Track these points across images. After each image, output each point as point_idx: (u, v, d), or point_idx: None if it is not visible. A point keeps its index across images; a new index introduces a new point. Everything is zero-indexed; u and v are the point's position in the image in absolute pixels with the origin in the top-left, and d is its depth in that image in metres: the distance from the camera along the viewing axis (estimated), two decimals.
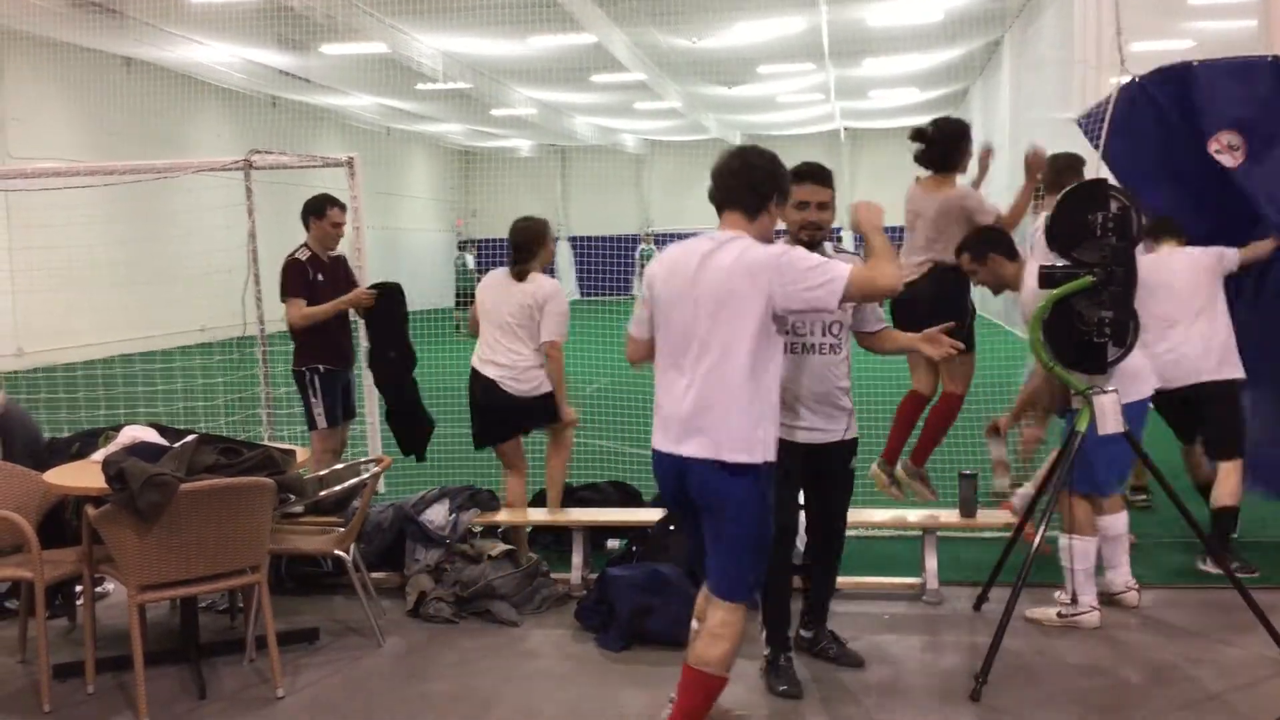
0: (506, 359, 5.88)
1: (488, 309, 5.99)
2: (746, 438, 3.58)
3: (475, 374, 5.99)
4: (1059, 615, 5.13)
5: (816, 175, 4.40)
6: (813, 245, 4.22)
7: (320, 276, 6.60)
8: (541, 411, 5.96)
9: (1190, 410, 6.02)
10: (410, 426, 6.55)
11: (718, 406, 3.59)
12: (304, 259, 6.59)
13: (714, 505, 3.64)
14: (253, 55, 18.36)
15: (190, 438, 4.68)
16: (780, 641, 4.56)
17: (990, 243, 5.29)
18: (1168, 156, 6.14)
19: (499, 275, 6.04)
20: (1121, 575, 5.36)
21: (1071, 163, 6.26)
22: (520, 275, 5.92)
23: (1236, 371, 5.88)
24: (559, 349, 5.93)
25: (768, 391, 3.64)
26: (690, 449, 3.62)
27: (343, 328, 6.61)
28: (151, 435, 4.87)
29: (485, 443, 6.10)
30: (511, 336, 5.88)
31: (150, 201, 15.93)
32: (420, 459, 6.65)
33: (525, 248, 5.95)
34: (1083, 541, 5.08)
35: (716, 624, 3.69)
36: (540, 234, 5.99)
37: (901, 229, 5.79)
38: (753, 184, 3.76)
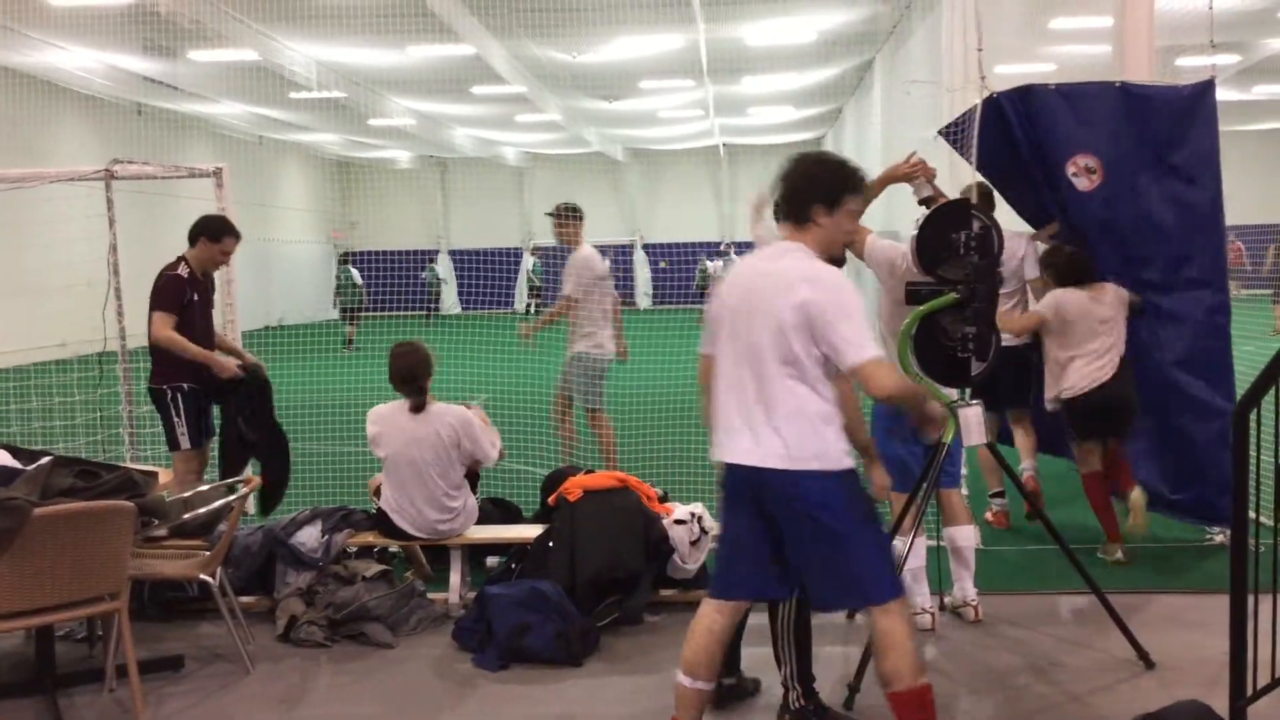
0: (453, 503, 5.72)
1: (394, 448, 5.66)
2: (816, 444, 3.56)
3: (395, 526, 5.71)
4: None
5: None
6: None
7: (195, 296, 6.42)
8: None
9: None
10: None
11: (788, 414, 3.56)
12: (184, 275, 6.36)
13: (800, 514, 3.56)
14: (117, 61, 17.74)
15: (45, 460, 4.53)
16: None
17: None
18: (1014, 170, 6.41)
19: (396, 411, 5.70)
20: (961, 589, 5.41)
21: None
22: (420, 407, 5.66)
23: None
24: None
25: (826, 398, 3.64)
26: (767, 460, 3.57)
27: (207, 342, 6.39)
28: (4, 457, 4.66)
29: None
30: (439, 479, 5.66)
31: (6, 212, 15.20)
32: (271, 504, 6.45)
33: (419, 380, 5.67)
34: (902, 540, 5.01)
35: (877, 636, 3.62)
36: (427, 359, 5.72)
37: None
38: (789, 193, 3.74)
